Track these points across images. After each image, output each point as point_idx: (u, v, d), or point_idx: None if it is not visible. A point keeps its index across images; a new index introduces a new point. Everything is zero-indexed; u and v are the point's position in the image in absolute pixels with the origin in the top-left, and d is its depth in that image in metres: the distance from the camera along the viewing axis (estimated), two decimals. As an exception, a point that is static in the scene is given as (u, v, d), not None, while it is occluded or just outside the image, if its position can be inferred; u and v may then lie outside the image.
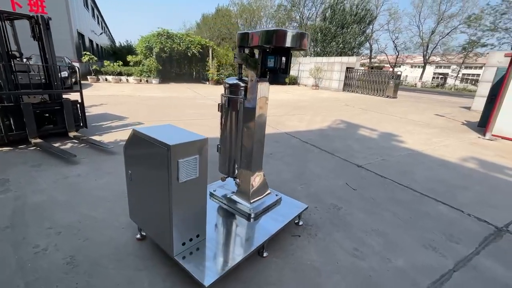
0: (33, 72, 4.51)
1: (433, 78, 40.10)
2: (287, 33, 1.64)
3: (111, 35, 41.88)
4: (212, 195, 2.36)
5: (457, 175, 3.81)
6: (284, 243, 2.08)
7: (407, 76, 37.59)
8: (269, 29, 1.67)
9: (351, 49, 26.49)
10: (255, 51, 1.99)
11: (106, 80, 15.14)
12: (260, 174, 2.23)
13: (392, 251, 2.07)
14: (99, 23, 28.56)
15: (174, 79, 19.39)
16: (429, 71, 39.83)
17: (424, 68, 36.78)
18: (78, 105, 4.45)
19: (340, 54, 25.05)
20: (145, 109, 7.48)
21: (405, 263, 1.94)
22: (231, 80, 2.06)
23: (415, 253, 2.08)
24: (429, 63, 37.36)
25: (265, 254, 1.91)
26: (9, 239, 1.91)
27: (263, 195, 2.26)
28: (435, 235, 2.32)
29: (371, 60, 37.78)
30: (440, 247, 2.17)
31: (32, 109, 3.78)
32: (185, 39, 16.15)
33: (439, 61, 38.34)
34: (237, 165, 2.19)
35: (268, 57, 1.78)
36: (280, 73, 1.80)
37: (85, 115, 4.58)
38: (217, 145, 2.24)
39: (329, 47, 26.16)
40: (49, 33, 3.95)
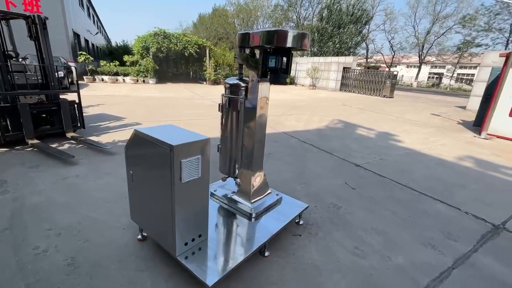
0: (30, 72, 4.46)
1: (429, 78, 40.42)
2: (288, 33, 1.65)
3: (107, 35, 41.55)
4: (212, 195, 2.36)
5: (454, 174, 3.85)
6: (285, 242, 2.09)
7: (403, 76, 37.85)
8: (270, 30, 1.67)
9: (348, 49, 26.67)
10: (256, 51, 2.00)
11: (102, 80, 15.05)
12: (260, 174, 2.23)
13: (392, 250, 2.09)
14: (94, 23, 28.33)
15: (171, 79, 19.31)
16: (425, 71, 40.17)
17: (419, 68, 37.09)
18: (75, 105, 4.42)
19: (336, 54, 25.18)
20: (142, 109, 7.45)
21: (405, 261, 1.97)
22: (232, 80, 2.06)
23: (415, 251, 2.10)
24: (425, 63, 37.70)
25: (266, 253, 1.92)
26: (8, 241, 1.89)
27: (264, 195, 2.27)
28: (434, 233, 2.35)
29: (368, 60, 37.99)
30: (438, 245, 2.19)
31: (29, 109, 3.74)
32: (182, 39, 16.10)
33: (435, 61, 38.72)
34: (237, 165, 2.20)
35: (269, 57, 1.78)
36: (281, 73, 1.81)
37: (83, 115, 4.55)
38: (218, 145, 2.24)
39: (326, 47, 26.28)
40: (46, 33, 3.91)
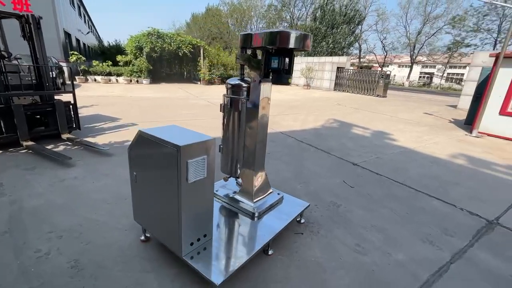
0: (23, 72, 4.37)
1: (420, 77, 41.17)
2: (290, 34, 1.67)
3: (98, 35, 40.93)
4: (214, 195, 2.37)
5: (448, 172, 3.94)
6: (287, 241, 2.11)
7: (395, 75, 38.43)
8: (273, 31, 1.69)
9: (341, 49, 26.93)
10: (257, 52, 2.01)
11: (95, 80, 14.83)
12: (262, 173, 2.25)
13: (392, 246, 2.14)
14: (85, 22, 27.88)
15: (164, 79, 19.16)
16: (416, 71, 40.88)
17: (411, 67, 37.71)
18: (70, 106, 4.35)
19: (330, 54, 25.39)
20: (137, 109, 7.38)
21: (405, 257, 2.01)
22: (233, 80, 2.07)
23: (414, 247, 2.15)
24: (416, 62, 38.35)
25: (270, 252, 1.94)
26: (9, 244, 1.86)
27: (266, 194, 2.29)
28: (431, 229, 2.41)
29: (361, 59, 38.43)
30: (436, 240, 2.25)
31: (23, 110, 3.67)
32: (176, 39, 15.99)
33: (425, 61, 39.43)
34: (239, 165, 2.21)
35: (272, 58, 1.80)
36: (283, 74, 1.83)
37: (78, 116, 4.49)
38: (219, 145, 2.25)
39: (319, 47, 26.48)
40: (40, 32, 3.84)
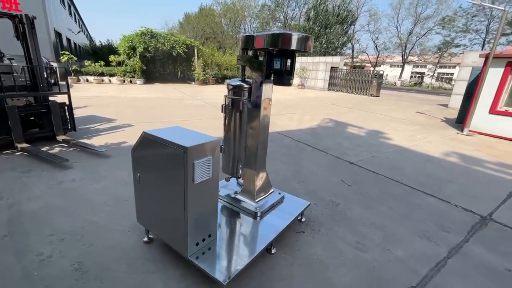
0: (17, 73, 4.29)
1: (411, 77, 41.82)
2: (293, 36, 1.70)
3: (89, 34, 40.25)
4: (216, 196, 2.38)
5: (442, 169, 4.04)
6: (290, 239, 2.14)
7: (387, 75, 38.90)
8: (275, 32, 1.72)
9: (335, 49, 27.15)
10: (259, 53, 2.03)
11: (87, 80, 14.60)
12: (263, 173, 2.28)
13: (391, 243, 2.19)
14: (76, 21, 27.40)
15: (158, 79, 18.98)
16: (407, 70, 41.53)
17: (403, 67, 38.30)
18: (66, 107, 4.29)
19: (324, 54, 25.59)
20: (131, 110, 7.31)
21: (404, 253, 2.07)
22: (235, 81, 2.09)
23: (412, 243, 2.21)
24: (407, 62, 38.97)
25: (273, 251, 1.96)
26: (10, 248, 1.84)
27: (267, 194, 2.32)
28: (428, 226, 2.47)
29: (353, 59, 38.84)
30: (433, 236, 2.31)
31: (17, 112, 3.60)
32: (169, 39, 15.86)
33: (417, 60, 40.11)
34: (241, 165, 2.23)
35: (274, 59, 1.83)
36: (285, 75, 1.86)
37: (74, 117, 4.43)
38: (221, 146, 2.26)
39: (313, 47, 26.64)
40: (34, 32, 3.78)
